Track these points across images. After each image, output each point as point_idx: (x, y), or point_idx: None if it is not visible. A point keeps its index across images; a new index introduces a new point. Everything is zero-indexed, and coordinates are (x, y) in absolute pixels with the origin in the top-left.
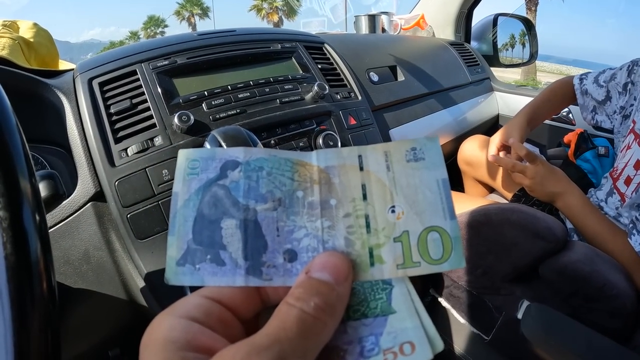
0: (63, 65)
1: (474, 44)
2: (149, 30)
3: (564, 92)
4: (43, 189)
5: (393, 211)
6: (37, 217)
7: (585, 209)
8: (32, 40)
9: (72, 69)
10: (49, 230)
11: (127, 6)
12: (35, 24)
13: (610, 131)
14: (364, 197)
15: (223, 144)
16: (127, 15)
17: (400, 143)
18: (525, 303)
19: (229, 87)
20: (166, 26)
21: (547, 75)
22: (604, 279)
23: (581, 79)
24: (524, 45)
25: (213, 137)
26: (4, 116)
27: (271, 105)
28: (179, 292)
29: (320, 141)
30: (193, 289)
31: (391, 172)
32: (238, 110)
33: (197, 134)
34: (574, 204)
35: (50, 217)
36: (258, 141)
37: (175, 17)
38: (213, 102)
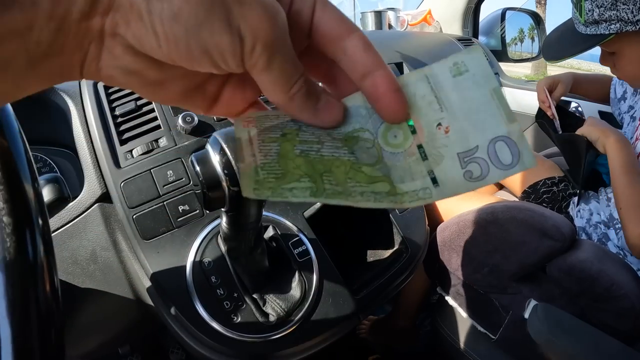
0: None
1: (482, 39)
2: None
3: (604, 83)
4: (48, 192)
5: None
6: (40, 221)
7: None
8: None
9: None
10: (57, 232)
11: None
12: None
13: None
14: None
15: (224, 145)
16: None
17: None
18: (532, 302)
19: None
20: None
21: (557, 69)
22: (612, 279)
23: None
24: (532, 39)
25: (215, 139)
26: (7, 124)
27: None
28: (185, 293)
29: None
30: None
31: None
32: None
33: (201, 134)
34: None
35: (58, 219)
36: None
37: None
38: None
